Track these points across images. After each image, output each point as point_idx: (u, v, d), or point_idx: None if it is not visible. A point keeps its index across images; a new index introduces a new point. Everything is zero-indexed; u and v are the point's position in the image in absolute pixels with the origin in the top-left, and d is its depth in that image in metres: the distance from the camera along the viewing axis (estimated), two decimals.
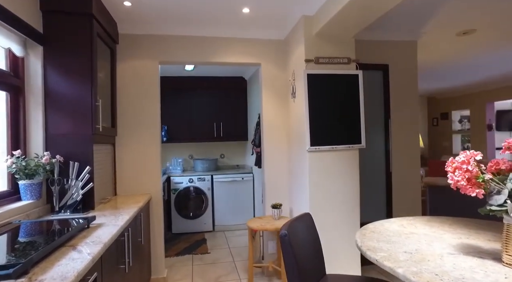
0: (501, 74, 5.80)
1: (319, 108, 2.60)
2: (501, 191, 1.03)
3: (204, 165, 4.88)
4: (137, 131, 2.93)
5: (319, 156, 2.62)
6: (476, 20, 3.17)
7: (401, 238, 1.39)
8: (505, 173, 1.08)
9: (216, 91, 5.05)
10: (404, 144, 3.44)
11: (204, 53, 3.07)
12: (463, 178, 1.05)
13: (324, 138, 2.61)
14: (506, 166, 1.08)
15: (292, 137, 3.03)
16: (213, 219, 4.69)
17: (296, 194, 2.93)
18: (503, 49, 4.11)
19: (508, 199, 1.01)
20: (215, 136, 5.01)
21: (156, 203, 2.95)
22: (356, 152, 2.70)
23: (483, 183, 1.05)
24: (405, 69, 3.46)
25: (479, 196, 1.07)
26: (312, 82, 2.59)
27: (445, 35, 3.57)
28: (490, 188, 1.05)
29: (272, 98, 3.20)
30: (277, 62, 3.21)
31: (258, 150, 4.03)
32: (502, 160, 1.14)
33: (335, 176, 2.64)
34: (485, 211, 1.08)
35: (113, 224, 1.67)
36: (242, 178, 4.76)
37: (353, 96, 2.66)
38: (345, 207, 2.65)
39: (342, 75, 2.64)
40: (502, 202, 1.02)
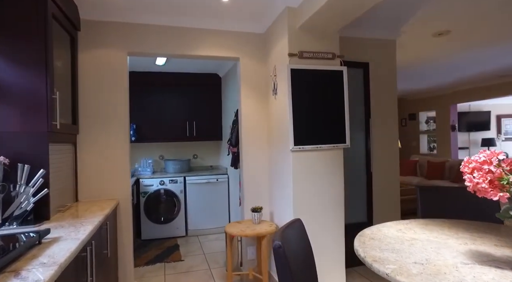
0: (467, 76, 6.05)
1: (303, 105, 2.47)
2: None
3: (176, 166, 4.60)
4: (103, 129, 2.62)
5: (303, 155, 2.48)
6: (451, 21, 3.20)
7: (404, 245, 1.27)
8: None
9: (189, 88, 4.78)
10: (383, 143, 3.40)
11: (178, 44, 2.82)
12: (484, 180, 0.93)
13: (308, 137, 2.48)
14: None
15: (273, 137, 2.87)
16: (186, 223, 4.42)
17: (278, 196, 2.77)
18: (474, 52, 4.23)
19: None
20: (187, 135, 4.74)
21: (124, 208, 2.66)
22: (340, 151, 2.59)
23: (507, 185, 0.94)
24: (385, 68, 3.43)
25: (502, 200, 0.96)
26: (296, 78, 2.44)
27: (421, 35, 3.59)
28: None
29: (252, 95, 3.02)
30: (256, 57, 3.03)
31: (234, 149, 3.83)
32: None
33: (319, 176, 2.51)
34: (507, 215, 0.97)
35: (72, 237, 1.40)
36: (216, 179, 4.54)
37: (338, 93, 2.55)
38: (329, 208, 2.53)
39: (327, 71, 2.52)
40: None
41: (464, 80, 6.49)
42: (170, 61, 4.09)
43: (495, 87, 6.63)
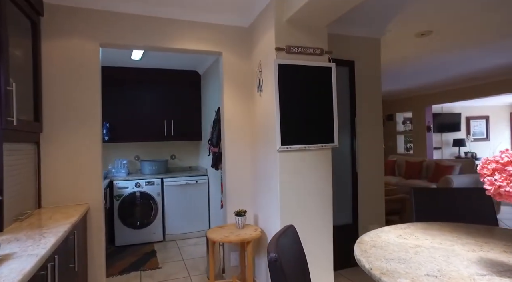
0: (443, 79, 6.19)
1: (290, 103, 2.34)
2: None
3: (153, 167, 4.35)
4: (71, 127, 2.37)
5: (290, 156, 2.35)
6: (434, 21, 3.20)
7: (410, 253, 1.17)
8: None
9: (167, 85, 4.54)
10: (368, 143, 3.35)
11: (156, 36, 2.61)
12: (509, 182, 0.83)
13: (295, 136, 2.35)
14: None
15: (258, 136, 2.72)
16: (164, 228, 4.18)
17: (263, 198, 2.63)
18: (453, 54, 4.29)
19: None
20: (165, 135, 4.50)
21: (95, 214, 2.42)
22: (329, 151, 2.49)
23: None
24: (370, 67, 3.38)
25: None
26: (283, 74, 2.31)
27: (405, 35, 3.58)
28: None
29: (235, 92, 2.86)
30: (240, 52, 2.88)
31: (215, 149, 3.65)
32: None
33: (307, 177, 2.39)
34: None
35: (29, 253, 1.19)
36: (196, 181, 4.33)
37: (326, 91, 2.45)
38: (318, 211, 2.42)
39: (315, 67, 2.41)
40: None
41: (439, 83, 6.66)
42: (146, 56, 3.85)
43: (467, 89, 6.85)
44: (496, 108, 9.99)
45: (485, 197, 1.75)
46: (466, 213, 1.74)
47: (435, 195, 1.81)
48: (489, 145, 9.84)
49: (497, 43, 3.90)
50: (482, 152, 9.69)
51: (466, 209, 1.75)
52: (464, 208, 1.76)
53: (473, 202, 1.76)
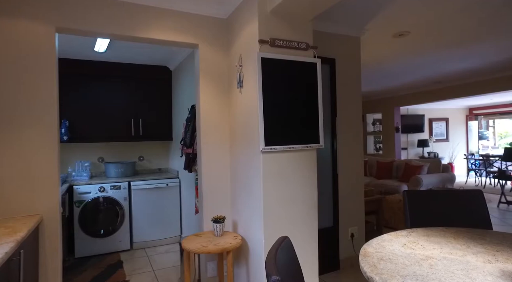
0: (412, 81, 6.37)
1: (274, 100, 2.17)
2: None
3: (119, 169, 3.99)
4: (21, 125, 2.03)
5: (275, 157, 2.18)
6: (412, 22, 3.20)
7: (424, 267, 1.04)
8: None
9: (135, 81, 4.20)
10: (349, 143, 3.28)
11: (125, 24, 2.33)
12: None
13: (280, 136, 2.19)
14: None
15: (238, 135, 2.53)
16: (131, 235, 3.85)
17: (243, 203, 2.44)
18: (426, 56, 4.38)
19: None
20: (132, 135, 4.16)
21: (50, 225, 2.09)
22: (314, 152, 2.35)
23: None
24: (350, 66, 3.31)
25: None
26: (267, 68, 2.14)
27: (383, 35, 3.56)
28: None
29: (212, 88, 2.64)
30: (218, 45, 2.67)
31: (189, 150, 3.40)
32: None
33: (292, 180, 2.24)
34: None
35: None
36: (166, 184, 4.04)
37: (311, 88, 2.31)
38: (303, 215, 2.28)
39: (300, 62, 2.26)
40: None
41: (408, 85, 6.86)
42: (112, 48, 3.51)
43: (432, 92, 7.13)
44: (455, 111, 10.59)
45: (477, 198, 1.69)
46: (460, 215, 1.67)
47: (428, 197, 1.74)
48: (448, 145, 10.41)
49: (468, 47, 4.02)
50: (442, 152, 10.21)
51: (460, 210, 1.69)
52: (458, 210, 1.69)
53: (466, 204, 1.70)
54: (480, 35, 3.60)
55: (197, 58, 2.66)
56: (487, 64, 5.02)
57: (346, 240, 3.25)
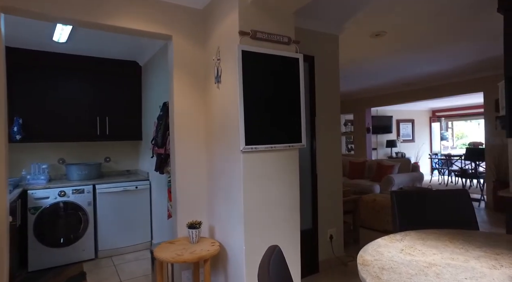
0: (383, 82, 6.52)
1: (255, 97, 2.04)
2: None
3: (83, 171, 3.66)
4: None
5: (256, 157, 2.05)
6: (389, 22, 3.22)
7: (430, 277, 0.95)
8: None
9: (101, 77, 3.88)
10: (327, 144, 3.23)
11: (89, 8, 2.09)
12: None
13: (261, 135, 2.06)
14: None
15: (215, 134, 2.37)
16: (96, 243, 3.54)
17: (221, 206, 2.28)
18: (401, 57, 4.45)
19: None
20: (98, 134, 3.84)
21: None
22: (296, 152, 2.25)
23: None
24: (329, 64, 3.26)
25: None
26: (247, 62, 2.00)
27: (360, 34, 3.55)
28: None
29: (187, 83, 2.46)
30: (194, 37, 2.49)
31: (160, 151, 3.18)
32: None
33: (274, 181, 2.11)
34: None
35: None
36: (135, 187, 3.77)
37: (293, 84, 2.21)
38: (286, 218, 2.16)
39: (282, 57, 2.14)
40: None
41: (379, 86, 7.03)
42: (75, 39, 3.20)
43: (402, 94, 7.35)
44: (420, 113, 11.07)
45: (463, 198, 1.67)
46: (447, 215, 1.64)
47: (416, 197, 1.69)
48: (414, 145, 10.85)
49: (438, 50, 4.13)
50: (409, 152, 10.62)
51: (447, 210, 1.65)
52: (445, 210, 1.65)
53: (452, 203, 1.67)
54: (450, 38, 3.70)
55: (170, 51, 2.46)
56: (451, 68, 5.23)
57: (325, 242, 3.19)
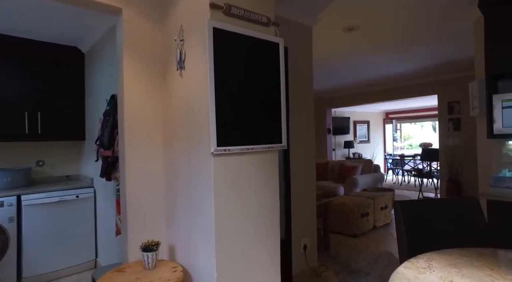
0: (347, 82, 6.49)
1: (229, 88, 1.65)
2: None
3: (5, 178, 2.96)
4: None
5: (230, 160, 1.66)
6: (363, 16, 3.04)
7: None
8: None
9: (30, 64, 3.19)
10: (302, 144, 2.94)
11: None
12: None
13: (236, 134, 1.68)
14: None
15: (177, 133, 1.93)
16: (19, 268, 2.85)
17: (186, 220, 1.85)
18: (372, 54, 4.34)
19: None
20: (27, 133, 3.15)
21: None
22: (276, 154, 1.90)
23: None
24: (303, 57, 2.98)
25: None
26: (220, 43, 1.61)
27: (334, 28, 3.34)
28: None
29: (141, 70, 1.99)
30: (149, 12, 2.03)
31: (107, 153, 2.64)
32: None
33: (251, 188, 1.75)
34: None
35: None
36: (76, 196, 3.15)
37: (273, 74, 1.86)
38: (266, 230, 1.81)
39: (261, 41, 1.79)
40: None
41: (343, 86, 7.01)
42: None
43: (363, 95, 7.44)
44: (374, 114, 11.47)
45: (473, 206, 1.46)
46: (459, 227, 1.41)
47: (423, 208, 1.44)
48: (369, 146, 11.20)
49: (406, 49, 4.09)
50: (365, 153, 10.92)
51: (457, 221, 1.43)
52: (455, 220, 1.43)
53: (462, 213, 1.45)
54: (419, 38, 3.65)
55: (120, 29, 1.98)
56: (412, 70, 5.31)
57: (299, 253, 2.89)
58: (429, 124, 12.73)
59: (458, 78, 5.53)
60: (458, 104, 5.60)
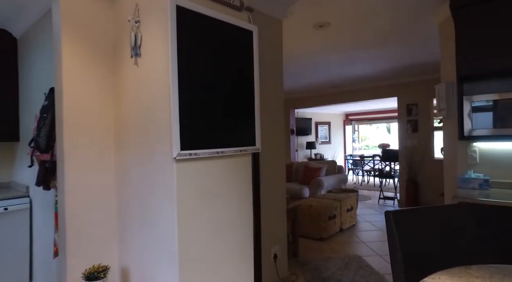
0: (312, 83, 6.44)
1: (196, 80, 1.38)
2: None
3: None
4: None
5: (197, 166, 1.39)
6: (334, 12, 2.93)
7: None
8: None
9: None
10: (272, 145, 2.74)
11: None
12: None
13: (204, 136, 1.41)
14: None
15: (131, 134, 1.61)
16: None
17: (142, 239, 1.54)
18: (342, 54, 4.26)
19: None
20: None
21: None
22: (249, 158, 1.66)
23: None
24: (272, 52, 2.78)
25: None
26: (185, 27, 1.34)
27: (304, 24, 3.19)
28: None
29: (84, 58, 1.64)
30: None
31: (45, 156, 2.20)
32: None
33: (222, 198, 1.49)
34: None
35: None
36: (5, 209, 2.65)
37: (246, 66, 1.62)
38: (239, 245, 1.56)
39: (232, 27, 1.54)
40: None
41: (308, 87, 6.96)
42: None
43: (326, 96, 7.48)
44: (335, 115, 11.73)
45: (464, 213, 1.34)
46: (452, 237, 1.28)
47: (416, 218, 1.29)
48: (330, 147, 11.42)
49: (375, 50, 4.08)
50: (326, 153, 11.10)
51: (452, 231, 1.30)
52: (451, 231, 1.30)
53: (454, 221, 1.33)
54: (387, 39, 3.64)
55: (56, 7, 1.60)
56: (375, 72, 5.38)
57: (269, 264, 2.68)
58: (384, 126, 13.35)
59: (417, 82, 5.72)
60: (416, 107, 5.79)
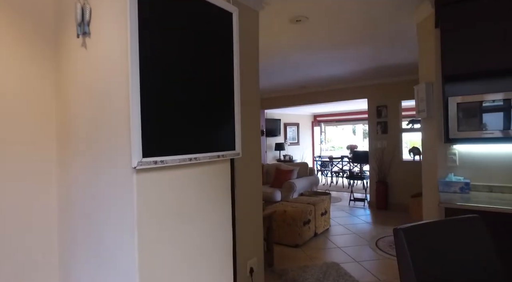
0: (281, 83, 6.28)
1: (162, 68, 1.09)
2: None
3: None
4: None
5: (164, 177, 1.09)
6: (312, 5, 2.75)
7: None
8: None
9: None
10: (248, 147, 2.47)
11: None
12: None
13: (173, 139, 1.12)
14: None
15: (78, 137, 1.26)
16: None
17: (91, 274, 1.20)
18: (316, 52, 4.10)
19: None
20: None
21: None
22: (227, 165, 1.40)
23: None
24: (248, 44, 2.52)
25: None
26: (150, 3, 1.04)
27: (279, 16, 2.97)
28: None
29: (14, 39, 1.27)
30: None
31: None
32: None
33: (195, 216, 1.20)
34: None
35: None
36: None
37: (224, 54, 1.35)
38: (215, 271, 1.27)
39: (209, 6, 1.25)
40: None
41: (277, 87, 6.80)
42: None
43: (297, 97, 7.37)
44: (304, 117, 11.76)
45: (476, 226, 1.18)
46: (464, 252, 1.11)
47: (429, 235, 1.10)
48: (299, 148, 11.41)
49: (348, 49, 3.97)
50: (295, 155, 11.07)
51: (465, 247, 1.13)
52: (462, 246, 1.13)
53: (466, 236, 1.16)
54: (364, 38, 3.54)
55: None
56: (347, 73, 5.33)
57: (245, 278, 2.42)
58: (350, 128, 13.64)
59: (386, 84, 5.78)
60: (385, 108, 5.84)
